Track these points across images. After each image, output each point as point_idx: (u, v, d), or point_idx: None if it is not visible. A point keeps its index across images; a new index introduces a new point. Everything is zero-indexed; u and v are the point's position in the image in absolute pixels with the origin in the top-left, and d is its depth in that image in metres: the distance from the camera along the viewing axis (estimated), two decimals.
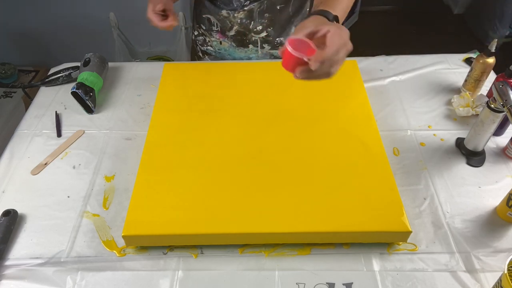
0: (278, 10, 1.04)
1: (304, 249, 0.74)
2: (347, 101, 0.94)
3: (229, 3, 1.04)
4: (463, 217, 0.78)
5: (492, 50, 0.92)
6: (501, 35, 2.55)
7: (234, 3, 1.03)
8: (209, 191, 0.77)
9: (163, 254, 0.74)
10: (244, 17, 1.05)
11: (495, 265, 0.71)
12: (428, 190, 0.83)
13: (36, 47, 2.09)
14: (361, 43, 2.68)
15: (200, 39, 1.16)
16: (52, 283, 0.70)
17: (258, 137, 0.87)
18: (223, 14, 1.06)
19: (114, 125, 0.98)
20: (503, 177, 0.85)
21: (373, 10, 2.99)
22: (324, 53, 0.63)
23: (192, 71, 1.04)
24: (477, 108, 0.96)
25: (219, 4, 1.06)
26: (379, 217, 0.72)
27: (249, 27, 1.06)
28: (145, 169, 0.80)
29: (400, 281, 0.69)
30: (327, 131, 0.88)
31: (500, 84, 0.76)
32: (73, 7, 1.92)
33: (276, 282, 0.69)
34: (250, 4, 1.02)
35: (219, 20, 1.08)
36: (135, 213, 0.73)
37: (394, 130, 0.95)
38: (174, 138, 0.86)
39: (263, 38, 1.09)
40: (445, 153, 0.90)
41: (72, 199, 0.82)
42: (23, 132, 0.97)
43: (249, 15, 1.04)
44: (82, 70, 1.03)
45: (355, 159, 0.81)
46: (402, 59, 1.14)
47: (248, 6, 1.02)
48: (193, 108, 0.93)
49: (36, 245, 0.75)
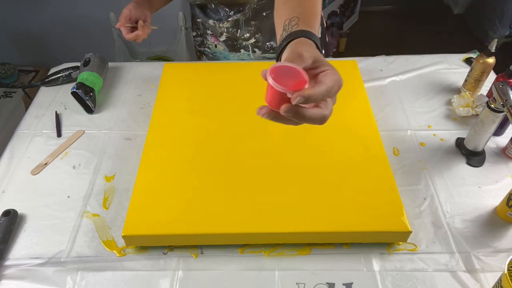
0: (264, 16, 1.02)
1: (304, 249, 0.74)
2: (347, 101, 0.94)
3: (217, 12, 1.04)
4: (463, 217, 0.78)
5: (492, 50, 0.92)
6: (501, 35, 2.55)
7: (220, 13, 1.03)
8: (209, 191, 0.77)
9: (163, 254, 0.74)
10: (230, 26, 1.05)
11: (495, 265, 0.71)
12: (428, 190, 0.83)
13: (36, 47, 2.09)
14: (361, 43, 2.71)
15: (198, 39, 1.16)
16: (52, 283, 0.70)
17: (258, 137, 0.87)
18: (210, 23, 1.06)
19: (114, 125, 0.98)
20: (503, 177, 0.85)
21: (373, 10, 2.99)
22: (314, 89, 0.46)
23: (192, 71, 1.04)
24: (477, 108, 0.96)
25: (208, 12, 1.06)
26: (379, 217, 0.72)
27: (236, 35, 1.06)
28: (145, 169, 0.80)
29: (400, 281, 0.69)
30: (327, 131, 0.87)
31: (500, 84, 0.76)
32: (73, 7, 1.92)
33: (276, 282, 0.69)
34: (234, 15, 1.02)
35: (210, 27, 1.09)
36: (135, 213, 0.73)
37: (394, 130, 0.95)
38: (174, 138, 0.86)
39: (253, 44, 1.09)
40: (445, 153, 0.90)
41: (72, 199, 0.82)
42: (23, 132, 0.97)
43: (235, 24, 1.04)
44: (82, 70, 1.03)
45: (355, 159, 0.81)
46: (402, 59, 1.14)
47: (232, 17, 1.02)
48: (193, 108, 0.93)
49: (36, 245, 0.75)
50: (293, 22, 0.58)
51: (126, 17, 0.97)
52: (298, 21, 0.58)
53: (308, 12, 0.60)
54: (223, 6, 1.02)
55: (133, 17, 0.98)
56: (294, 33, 0.56)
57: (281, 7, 0.64)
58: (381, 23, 2.92)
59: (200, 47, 1.18)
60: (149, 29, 1.00)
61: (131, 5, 0.99)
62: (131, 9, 0.98)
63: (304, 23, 0.58)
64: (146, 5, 1.01)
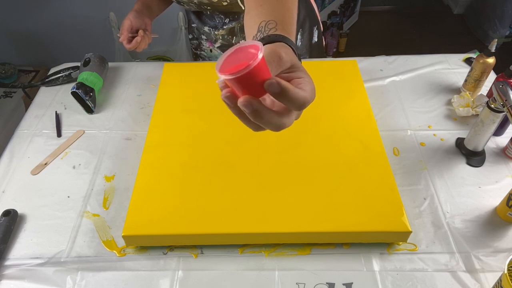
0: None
1: (304, 249, 0.74)
2: (347, 101, 0.94)
3: (212, 19, 1.04)
4: (463, 217, 0.78)
5: (492, 50, 0.92)
6: (501, 35, 2.55)
7: (216, 20, 1.03)
8: (209, 191, 0.77)
9: (163, 254, 0.74)
10: (225, 34, 1.04)
11: (495, 265, 0.71)
12: (428, 190, 0.83)
13: (36, 47, 2.09)
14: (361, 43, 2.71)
15: (194, 42, 1.17)
16: (52, 283, 0.70)
17: (258, 137, 0.86)
18: (205, 30, 1.06)
19: (114, 125, 0.98)
20: (503, 177, 0.85)
21: (373, 10, 3.00)
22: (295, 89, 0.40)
23: (192, 71, 1.04)
24: (477, 108, 0.96)
25: (204, 19, 1.06)
26: (379, 217, 0.72)
27: (232, 42, 1.06)
28: (145, 169, 0.80)
29: (400, 281, 0.69)
30: (327, 131, 0.88)
31: (500, 84, 0.76)
32: (73, 7, 1.92)
33: (276, 282, 0.69)
34: (230, 22, 1.02)
35: (205, 33, 1.09)
36: (135, 213, 0.73)
37: (394, 130, 0.95)
38: (174, 138, 0.86)
39: None
40: (445, 153, 0.90)
41: (72, 199, 0.82)
42: (23, 132, 0.97)
43: (230, 31, 1.04)
44: (82, 70, 1.03)
45: (355, 159, 0.81)
46: (402, 59, 1.14)
47: (227, 25, 1.02)
48: (193, 108, 0.93)
49: (36, 245, 0.75)
50: (271, 25, 0.53)
51: (128, 28, 0.97)
52: (276, 25, 0.53)
53: (286, 19, 0.55)
54: (218, 13, 1.02)
55: (134, 27, 0.99)
56: (274, 36, 0.50)
57: (255, 9, 0.59)
58: (381, 23, 2.92)
59: (196, 50, 1.18)
60: (149, 38, 1.01)
61: (131, 15, 0.99)
62: (131, 19, 0.98)
63: (282, 29, 0.53)
64: (146, 13, 1.02)
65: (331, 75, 1.02)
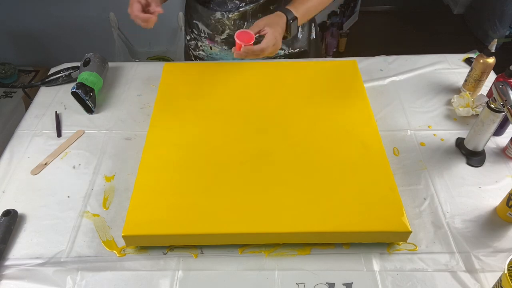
0: (271, 10, 1.03)
1: (304, 249, 0.74)
2: (347, 101, 0.94)
3: (223, 4, 1.04)
4: (463, 217, 0.78)
5: (492, 50, 0.92)
6: (501, 35, 2.55)
7: (228, 5, 1.03)
8: (209, 191, 0.77)
9: (163, 254, 0.74)
10: (237, 18, 1.04)
11: (495, 265, 0.71)
12: (428, 190, 0.83)
13: (36, 47, 2.09)
14: (361, 43, 2.71)
15: (192, 43, 1.16)
16: (52, 283, 0.70)
17: (258, 136, 0.87)
18: (217, 16, 1.05)
19: (114, 125, 0.98)
20: (503, 177, 0.85)
21: (373, 10, 3.00)
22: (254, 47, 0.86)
23: (192, 71, 1.04)
24: (477, 108, 0.96)
25: (212, 7, 1.05)
26: (379, 217, 0.72)
27: (242, 27, 1.06)
28: (145, 169, 0.80)
29: (400, 281, 0.69)
30: (327, 131, 0.88)
31: (500, 84, 0.76)
32: (73, 7, 1.93)
33: (276, 282, 0.69)
34: (246, 6, 1.02)
35: (209, 25, 1.08)
36: (135, 213, 0.73)
37: (394, 130, 0.95)
38: (174, 138, 0.86)
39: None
40: (445, 153, 0.90)
41: (72, 199, 0.82)
42: (23, 132, 0.97)
43: (242, 16, 1.04)
44: (82, 70, 1.03)
45: (355, 159, 0.81)
46: (402, 59, 1.14)
47: (243, 8, 1.02)
48: (193, 108, 0.93)
49: (36, 245, 0.75)
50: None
51: None
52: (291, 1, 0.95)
53: None
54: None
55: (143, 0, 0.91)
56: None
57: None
58: (381, 23, 2.92)
59: (194, 51, 1.17)
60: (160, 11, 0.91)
61: None
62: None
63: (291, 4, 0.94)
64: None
65: (331, 75, 1.02)
